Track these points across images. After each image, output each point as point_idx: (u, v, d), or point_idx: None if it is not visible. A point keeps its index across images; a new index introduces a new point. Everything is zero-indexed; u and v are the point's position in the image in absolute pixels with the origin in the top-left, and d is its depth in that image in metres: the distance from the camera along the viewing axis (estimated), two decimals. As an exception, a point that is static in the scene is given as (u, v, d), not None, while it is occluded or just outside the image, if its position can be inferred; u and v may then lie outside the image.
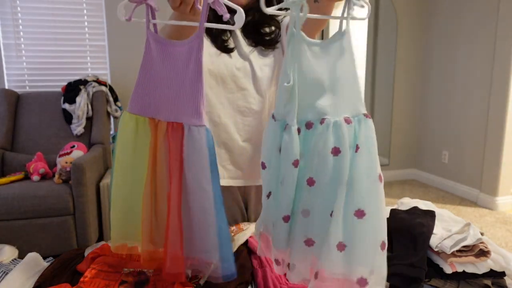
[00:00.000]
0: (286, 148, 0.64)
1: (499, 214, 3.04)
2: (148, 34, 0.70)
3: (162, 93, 0.70)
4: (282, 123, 0.66)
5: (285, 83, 0.63)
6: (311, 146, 0.65)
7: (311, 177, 0.65)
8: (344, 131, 0.63)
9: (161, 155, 0.69)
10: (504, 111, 3.01)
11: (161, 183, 0.71)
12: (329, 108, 0.65)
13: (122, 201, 0.74)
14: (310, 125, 0.65)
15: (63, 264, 0.85)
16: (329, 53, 0.66)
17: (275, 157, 0.67)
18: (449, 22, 3.53)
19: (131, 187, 0.73)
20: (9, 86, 2.87)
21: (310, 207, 0.66)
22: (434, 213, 0.94)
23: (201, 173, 0.67)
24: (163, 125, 0.69)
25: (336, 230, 0.63)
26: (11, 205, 2.05)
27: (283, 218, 0.67)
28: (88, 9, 2.95)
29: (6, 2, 2.79)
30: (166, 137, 0.69)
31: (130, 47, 2.96)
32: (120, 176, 0.74)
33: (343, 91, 0.66)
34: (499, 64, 3.03)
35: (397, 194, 3.55)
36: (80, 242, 2.17)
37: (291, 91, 0.64)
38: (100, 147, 2.57)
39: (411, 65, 3.89)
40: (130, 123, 0.71)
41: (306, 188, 0.65)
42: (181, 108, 0.68)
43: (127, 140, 0.72)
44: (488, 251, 0.80)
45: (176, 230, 0.68)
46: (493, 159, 3.12)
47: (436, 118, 3.76)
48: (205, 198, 0.67)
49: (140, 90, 0.71)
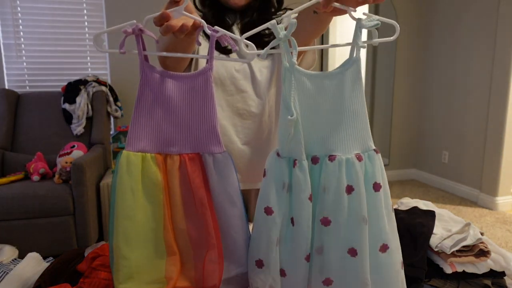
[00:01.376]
0: (299, 184, 0.62)
1: (499, 214, 3.04)
2: (144, 67, 0.65)
3: (172, 125, 0.66)
4: (288, 160, 0.64)
5: (289, 116, 0.61)
6: (322, 183, 0.63)
7: (325, 216, 0.63)
8: (357, 169, 0.62)
9: (175, 191, 0.66)
10: (504, 111, 3.01)
11: (180, 220, 0.67)
12: (337, 143, 0.63)
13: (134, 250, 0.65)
14: (316, 160, 0.64)
15: (63, 264, 0.85)
16: (336, 84, 0.63)
17: (282, 198, 0.64)
18: (449, 22, 3.53)
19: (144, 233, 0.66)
20: (9, 86, 2.87)
21: (325, 245, 0.63)
22: (434, 213, 0.94)
23: (234, 193, 0.66)
24: (174, 158, 0.66)
25: (363, 267, 0.62)
26: (11, 205, 2.05)
27: (305, 258, 0.64)
28: (88, 9, 2.96)
29: (6, 2, 2.79)
30: (180, 171, 0.66)
31: (130, 47, 2.96)
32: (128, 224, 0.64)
33: (352, 124, 0.64)
34: (499, 64, 3.03)
35: (397, 194, 3.55)
36: (80, 242, 2.17)
37: (295, 125, 0.62)
38: (100, 147, 2.57)
39: (411, 65, 3.89)
40: (135, 162, 0.64)
41: (320, 227, 0.63)
42: (199, 138, 0.66)
43: (133, 181, 0.64)
44: (488, 251, 0.80)
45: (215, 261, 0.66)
46: (493, 159, 3.12)
47: (436, 118, 3.76)
48: (239, 215, 0.66)
49: (143, 125, 0.66)
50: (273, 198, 0.64)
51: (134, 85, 3.05)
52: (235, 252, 0.68)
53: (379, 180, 0.64)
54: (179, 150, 0.66)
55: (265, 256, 0.65)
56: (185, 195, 0.66)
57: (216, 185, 0.65)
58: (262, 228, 0.65)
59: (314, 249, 0.64)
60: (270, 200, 0.64)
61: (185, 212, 0.67)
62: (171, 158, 0.66)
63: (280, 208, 0.64)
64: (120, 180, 0.64)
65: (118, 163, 0.65)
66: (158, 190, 0.65)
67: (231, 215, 0.66)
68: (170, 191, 0.66)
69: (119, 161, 0.65)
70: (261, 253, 0.65)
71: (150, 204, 0.65)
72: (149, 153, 0.66)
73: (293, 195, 0.63)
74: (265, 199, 0.65)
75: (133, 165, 0.64)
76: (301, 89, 0.63)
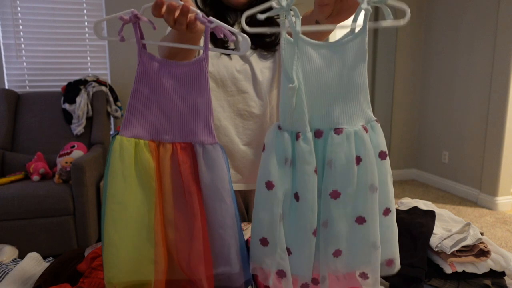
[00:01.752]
0: (303, 157, 0.61)
1: (499, 214, 3.04)
2: (141, 54, 0.65)
3: (166, 113, 0.67)
4: (291, 133, 0.63)
5: (289, 84, 0.60)
6: (328, 157, 0.62)
7: (334, 189, 0.62)
8: (366, 141, 0.62)
9: (165, 179, 0.65)
10: (504, 111, 3.01)
11: (169, 209, 0.66)
12: (342, 116, 0.63)
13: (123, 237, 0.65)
14: (320, 133, 0.63)
15: (63, 264, 0.85)
16: (343, 56, 0.62)
17: (285, 172, 0.63)
18: (449, 22, 3.53)
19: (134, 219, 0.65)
20: (9, 86, 2.87)
21: (331, 217, 0.63)
22: (434, 213, 0.94)
23: (222, 188, 0.65)
24: (167, 147, 0.66)
25: (373, 233, 0.63)
26: (11, 205, 2.05)
27: (313, 233, 0.63)
28: (88, 9, 2.96)
29: (6, 2, 2.79)
30: (172, 160, 0.66)
31: (130, 47, 2.97)
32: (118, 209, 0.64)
33: (356, 97, 0.63)
34: (499, 64, 3.03)
35: (397, 194, 3.55)
36: (80, 242, 2.17)
37: (298, 95, 0.61)
38: (100, 147, 2.57)
39: (411, 65, 3.89)
40: (128, 148, 0.64)
41: (328, 201, 0.62)
42: (191, 127, 0.66)
43: (125, 167, 0.64)
44: (488, 251, 0.80)
45: (200, 255, 0.65)
46: (493, 159, 3.12)
47: (436, 118, 3.76)
48: (226, 212, 0.65)
49: (138, 111, 0.66)
50: (274, 172, 0.63)
51: (134, 85, 3.05)
52: (222, 250, 0.67)
53: (385, 149, 0.65)
54: (172, 138, 0.66)
55: (269, 234, 0.64)
56: (176, 184, 0.66)
57: (205, 176, 0.65)
58: (264, 204, 0.64)
59: (320, 223, 0.63)
60: (271, 174, 0.63)
61: (174, 202, 0.66)
62: (164, 146, 0.66)
63: (282, 183, 0.63)
64: (112, 165, 0.64)
65: (111, 148, 0.65)
66: (150, 177, 0.65)
67: (218, 211, 0.65)
68: (161, 179, 0.66)
69: (112, 146, 0.65)
70: (265, 230, 0.64)
71: (142, 190, 0.65)
72: (142, 139, 0.66)
73: (296, 169, 0.62)
74: (265, 173, 0.63)
75: (126, 150, 0.64)
76: (306, 60, 0.62)
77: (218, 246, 0.67)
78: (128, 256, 0.65)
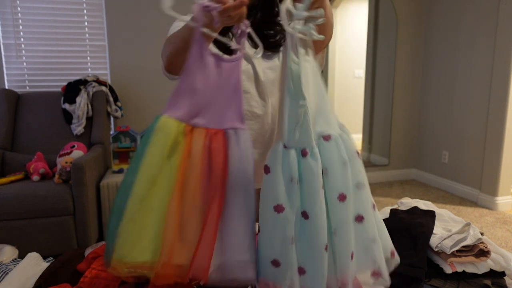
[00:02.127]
0: (312, 173, 0.61)
1: (499, 214, 3.04)
2: (201, 42, 0.69)
3: (208, 100, 0.71)
4: (297, 150, 0.63)
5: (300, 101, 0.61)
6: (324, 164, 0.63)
7: (341, 193, 0.62)
8: (350, 142, 0.66)
9: (194, 163, 0.67)
10: (504, 111, 3.01)
11: (193, 192, 0.67)
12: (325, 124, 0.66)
13: (147, 215, 0.65)
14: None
15: (63, 264, 0.85)
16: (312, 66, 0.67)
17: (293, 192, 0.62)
18: (449, 22, 3.53)
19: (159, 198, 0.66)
20: (9, 86, 2.87)
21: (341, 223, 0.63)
22: (434, 213, 0.94)
23: (248, 176, 0.67)
24: (201, 131, 0.68)
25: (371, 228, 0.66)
26: (11, 205, 2.04)
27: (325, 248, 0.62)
28: (88, 9, 2.95)
29: (6, 2, 2.79)
30: (204, 145, 0.67)
31: (130, 47, 2.97)
32: (145, 183, 0.65)
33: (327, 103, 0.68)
34: (499, 64, 3.03)
35: (397, 194, 3.55)
36: (80, 242, 2.17)
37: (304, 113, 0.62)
38: (100, 147, 2.57)
39: (411, 65, 3.88)
40: (172, 128, 0.67)
41: (336, 206, 0.62)
42: (227, 113, 0.71)
43: (164, 146, 0.66)
44: (488, 251, 0.80)
45: (210, 242, 0.66)
46: (493, 159, 3.12)
47: (436, 118, 3.76)
48: (249, 200, 0.67)
49: (185, 95, 0.69)
50: (282, 194, 0.62)
51: (134, 85, 3.06)
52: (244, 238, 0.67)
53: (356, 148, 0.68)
54: (208, 123, 0.70)
55: (281, 256, 0.63)
56: (204, 170, 0.67)
57: (236, 162, 0.67)
58: (274, 227, 0.63)
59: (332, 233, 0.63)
60: (279, 197, 0.62)
61: (200, 186, 0.67)
62: (198, 130, 0.69)
63: (292, 204, 0.62)
64: (153, 143, 0.65)
65: (154, 127, 0.66)
66: (179, 160, 0.67)
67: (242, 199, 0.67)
68: (191, 163, 0.67)
69: (155, 125, 0.66)
70: (276, 253, 0.63)
71: (170, 171, 0.66)
72: (183, 122, 0.69)
73: (304, 187, 0.61)
74: (273, 197, 0.63)
75: (168, 130, 0.67)
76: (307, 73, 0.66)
77: (233, 234, 0.67)
78: (148, 234, 0.65)
